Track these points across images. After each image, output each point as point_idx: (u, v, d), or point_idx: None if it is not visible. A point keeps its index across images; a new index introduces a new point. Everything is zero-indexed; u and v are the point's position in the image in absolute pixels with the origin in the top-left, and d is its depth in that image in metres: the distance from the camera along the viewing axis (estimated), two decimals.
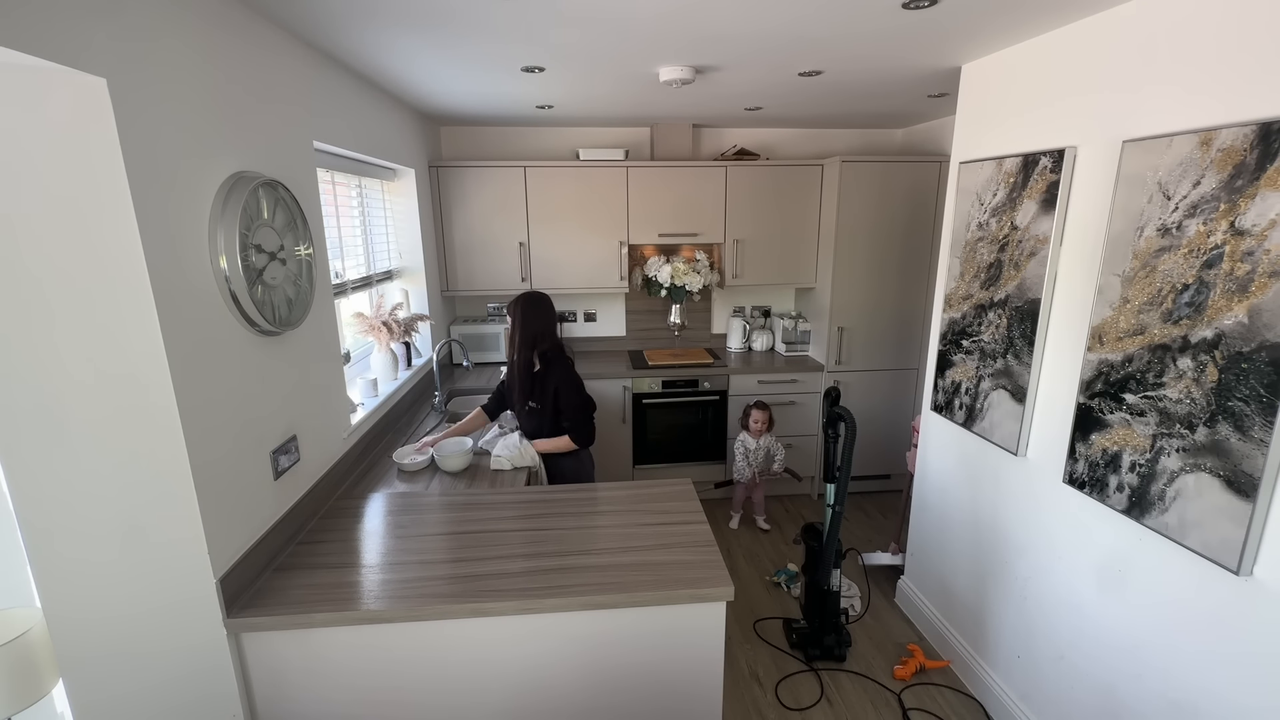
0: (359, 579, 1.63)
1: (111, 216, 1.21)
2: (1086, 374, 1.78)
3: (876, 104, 3.17)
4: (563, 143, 3.93)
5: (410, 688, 1.58)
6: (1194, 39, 1.48)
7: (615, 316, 4.20)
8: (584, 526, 1.89)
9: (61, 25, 1.07)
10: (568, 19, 1.80)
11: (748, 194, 3.73)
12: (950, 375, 2.43)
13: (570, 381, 2.36)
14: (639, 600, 1.56)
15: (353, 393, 2.57)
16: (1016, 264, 2.05)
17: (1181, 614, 1.56)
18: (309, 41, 1.98)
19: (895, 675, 2.44)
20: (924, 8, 1.71)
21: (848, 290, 3.64)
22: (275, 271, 1.65)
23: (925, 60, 2.29)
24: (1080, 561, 1.86)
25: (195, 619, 1.46)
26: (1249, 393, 1.36)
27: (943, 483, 2.55)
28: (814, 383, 3.77)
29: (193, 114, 1.41)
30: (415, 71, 2.41)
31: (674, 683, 1.66)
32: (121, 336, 1.28)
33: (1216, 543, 1.43)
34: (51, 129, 1.16)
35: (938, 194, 3.51)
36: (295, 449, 1.83)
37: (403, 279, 3.36)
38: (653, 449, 3.80)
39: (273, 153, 1.75)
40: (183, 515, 1.39)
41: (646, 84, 2.64)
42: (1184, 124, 1.51)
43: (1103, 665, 1.79)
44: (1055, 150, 1.87)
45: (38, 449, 1.31)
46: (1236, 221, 1.37)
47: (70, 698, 1.47)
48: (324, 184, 2.33)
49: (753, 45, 2.09)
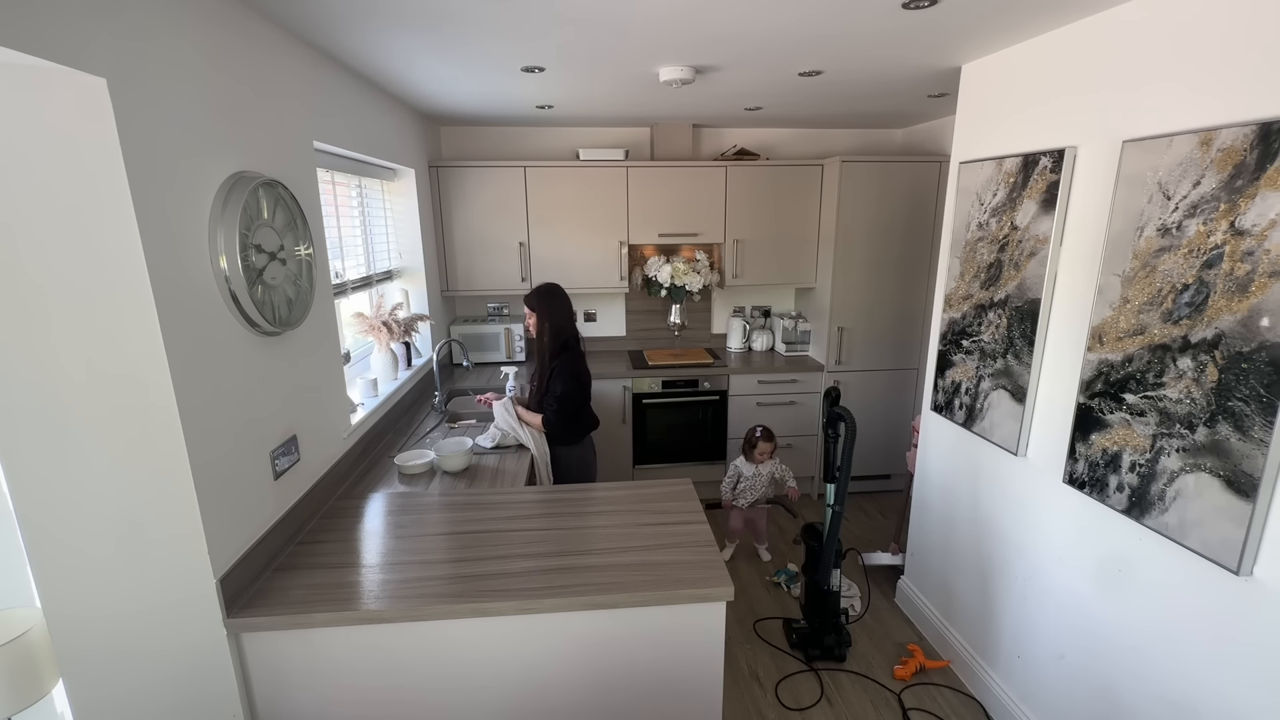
0: (359, 579, 1.63)
1: (111, 216, 1.21)
2: (1086, 374, 1.78)
3: (876, 104, 3.17)
4: (563, 143, 3.93)
5: (410, 688, 1.58)
6: (1194, 39, 1.48)
7: (615, 316, 4.20)
8: (584, 526, 1.89)
9: (61, 25, 1.07)
10: (568, 19, 1.80)
11: (748, 194, 3.73)
12: (950, 375, 2.43)
13: (563, 373, 2.51)
14: (639, 600, 1.56)
15: (353, 393, 2.57)
16: (1016, 264, 2.05)
17: (1181, 614, 1.56)
18: (309, 41, 1.98)
19: (895, 675, 2.44)
20: (924, 8, 1.71)
21: (848, 290, 3.64)
22: (275, 271, 1.65)
23: (925, 60, 2.29)
24: (1080, 561, 1.86)
25: (195, 619, 1.46)
26: (1249, 393, 1.36)
27: (943, 483, 2.55)
28: (814, 383, 3.77)
29: (193, 114, 1.41)
30: (415, 71, 2.41)
31: (674, 683, 1.66)
32: (121, 337, 1.28)
33: (1216, 543, 1.43)
34: (51, 129, 1.16)
35: (938, 194, 3.51)
36: (295, 449, 1.83)
37: (403, 279, 3.36)
38: (653, 449, 3.80)
39: (273, 153, 1.75)
40: (183, 515, 1.39)
41: (646, 84, 2.64)
42: (1184, 124, 1.51)
43: (1103, 665, 1.79)
44: (1055, 150, 1.87)
45: (38, 449, 1.31)
46: (1236, 221, 1.38)
47: (70, 697, 1.47)
48: (324, 184, 2.33)
49: (753, 45, 2.09)
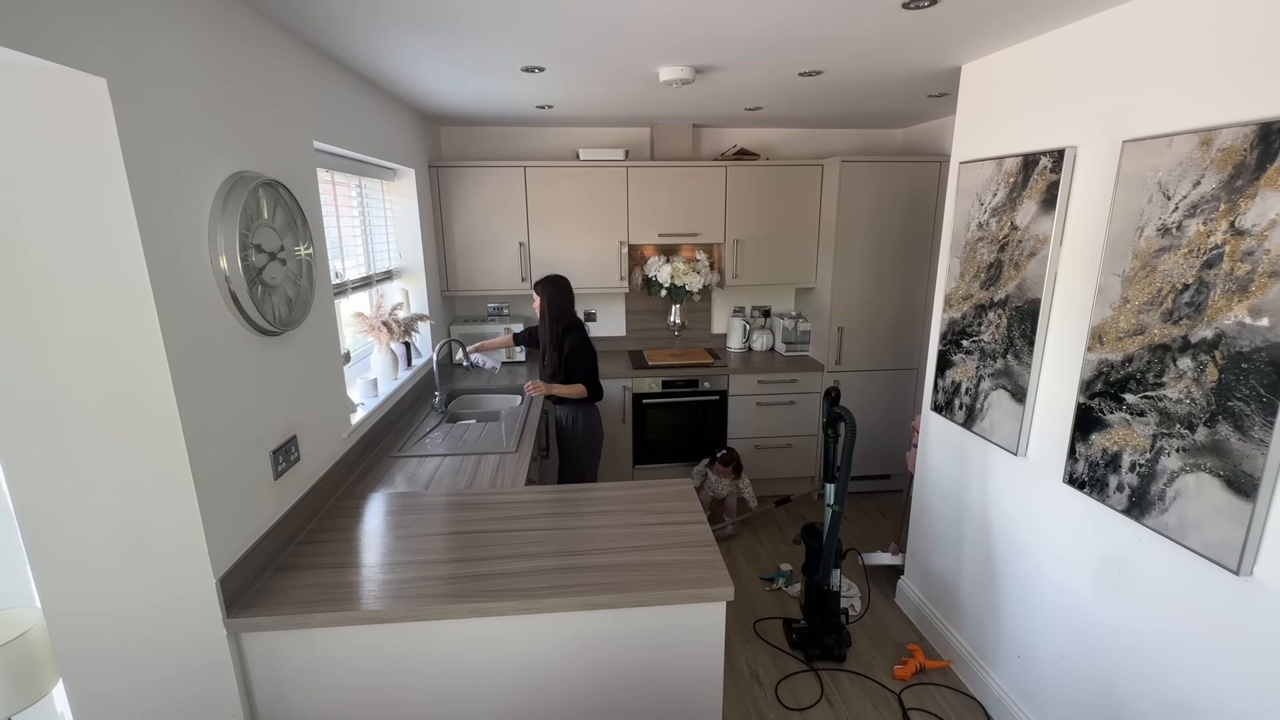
0: (359, 579, 1.63)
1: (112, 216, 1.21)
2: (1086, 374, 1.78)
3: (876, 104, 3.17)
4: (563, 143, 3.93)
5: (410, 688, 1.58)
6: (1194, 39, 1.48)
7: (615, 316, 4.20)
8: (584, 526, 1.89)
9: (61, 25, 1.07)
10: (568, 19, 1.80)
11: (748, 194, 3.73)
12: (950, 375, 2.43)
13: (580, 348, 2.95)
14: (639, 600, 1.56)
15: (353, 393, 2.57)
16: (1016, 264, 2.05)
17: (1181, 614, 1.56)
18: (309, 41, 1.98)
19: (895, 675, 2.44)
20: (924, 8, 1.71)
21: (848, 290, 3.64)
22: (275, 271, 1.65)
23: (925, 60, 2.29)
24: (1080, 561, 1.86)
25: (195, 619, 1.46)
26: (1249, 393, 1.36)
27: (943, 483, 2.55)
28: (814, 383, 3.77)
29: (193, 114, 1.41)
30: (415, 71, 2.41)
31: (674, 683, 1.66)
32: (122, 337, 1.27)
33: (1216, 543, 1.43)
34: (51, 129, 1.16)
35: (938, 194, 3.51)
36: (295, 449, 1.83)
37: (403, 279, 3.36)
38: (653, 449, 3.80)
39: (273, 153, 1.75)
40: (182, 514, 1.39)
41: (646, 84, 2.64)
42: (1184, 124, 1.51)
43: (1103, 665, 1.79)
44: (1055, 150, 1.87)
45: (38, 450, 1.31)
46: (1236, 221, 1.37)
47: (70, 697, 1.47)
48: (324, 184, 2.33)
49: (753, 45, 2.09)
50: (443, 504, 2.04)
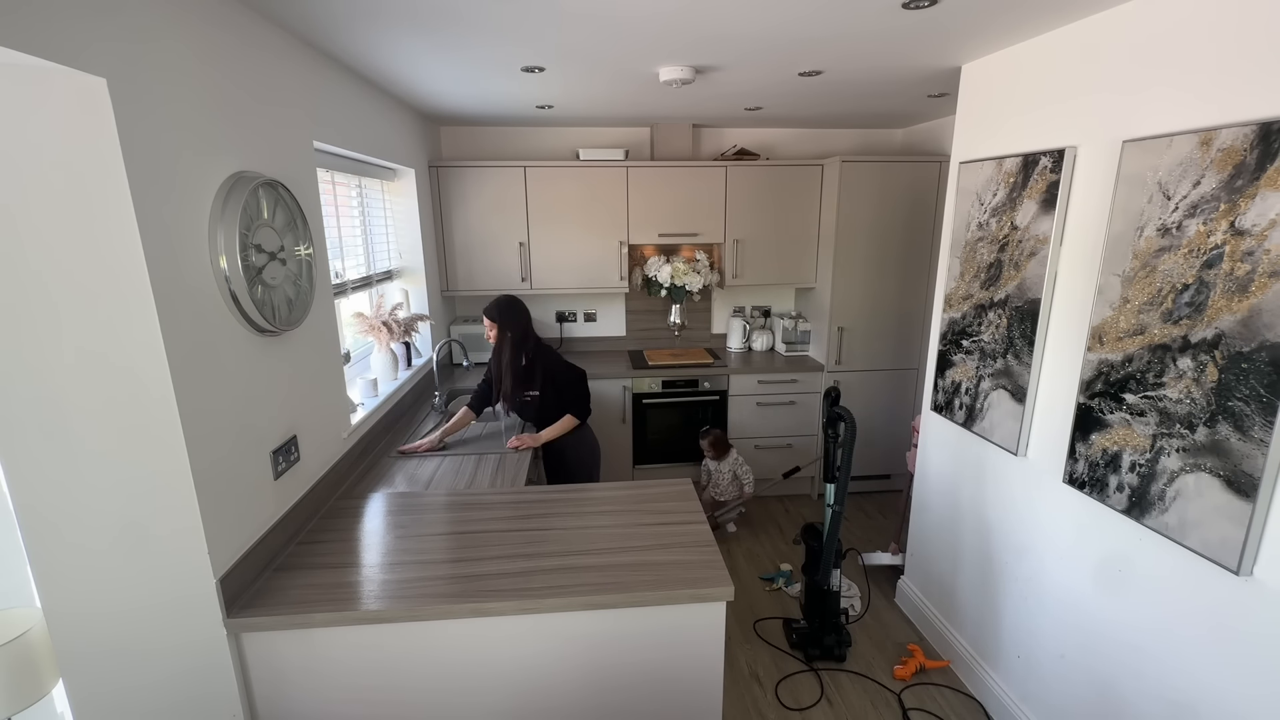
0: (359, 579, 1.63)
1: (112, 216, 1.21)
2: (1086, 374, 1.78)
3: (876, 104, 3.17)
4: (563, 143, 3.93)
5: (410, 688, 1.58)
6: (1194, 39, 1.48)
7: (615, 316, 4.20)
8: (584, 526, 1.89)
9: (61, 25, 1.07)
10: (568, 19, 1.80)
11: (748, 194, 3.73)
12: (950, 375, 2.43)
13: (561, 365, 2.66)
14: (639, 600, 1.56)
15: (353, 393, 2.57)
16: (1016, 264, 2.05)
17: (1182, 613, 1.56)
18: (309, 42, 1.98)
19: (895, 675, 2.44)
20: (924, 8, 1.71)
21: (847, 290, 3.63)
22: (275, 271, 1.65)
23: (925, 60, 2.29)
24: (1080, 561, 1.86)
25: (195, 619, 1.46)
26: (1249, 393, 1.36)
27: (943, 483, 2.55)
28: (814, 383, 3.77)
29: (193, 114, 1.41)
30: (416, 72, 2.41)
31: (674, 683, 1.66)
32: (121, 337, 1.28)
33: (1216, 543, 1.43)
34: (51, 129, 1.16)
35: (938, 194, 3.51)
36: (295, 449, 1.83)
37: (403, 279, 3.36)
38: (653, 449, 3.80)
39: (273, 153, 1.75)
40: (182, 515, 1.39)
41: (646, 84, 2.64)
42: (1184, 124, 1.51)
43: (1103, 665, 1.79)
44: (1055, 150, 1.87)
45: (38, 449, 1.31)
46: (1236, 221, 1.37)
47: (70, 697, 1.47)
48: (324, 184, 2.33)
49: (753, 45, 2.09)
50: (443, 504, 2.04)
